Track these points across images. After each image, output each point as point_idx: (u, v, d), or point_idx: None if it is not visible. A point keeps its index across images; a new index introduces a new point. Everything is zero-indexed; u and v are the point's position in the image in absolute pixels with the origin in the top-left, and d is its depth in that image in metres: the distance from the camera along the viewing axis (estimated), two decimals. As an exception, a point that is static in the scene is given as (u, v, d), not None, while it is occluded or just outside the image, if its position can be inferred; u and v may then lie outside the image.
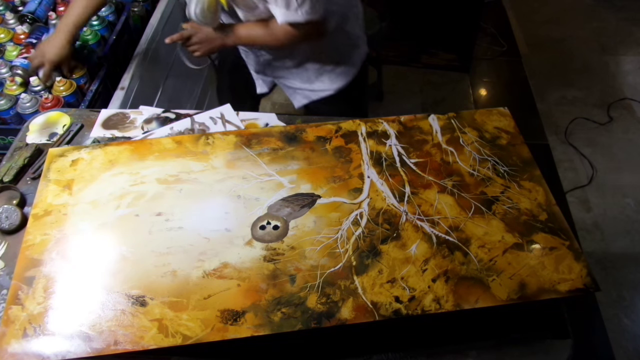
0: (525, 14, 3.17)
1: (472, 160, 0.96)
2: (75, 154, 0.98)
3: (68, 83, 1.48)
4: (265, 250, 0.82)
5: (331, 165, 0.94)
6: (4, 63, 1.55)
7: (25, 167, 1.07)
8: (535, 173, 0.94)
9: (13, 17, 1.70)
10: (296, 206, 0.88)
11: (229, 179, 0.92)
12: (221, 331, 0.73)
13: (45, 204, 0.89)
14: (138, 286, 0.77)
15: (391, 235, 0.84)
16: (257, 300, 0.76)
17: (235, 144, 0.98)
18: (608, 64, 2.81)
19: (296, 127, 1.02)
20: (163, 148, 0.98)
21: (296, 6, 1.10)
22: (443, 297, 0.76)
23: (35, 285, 0.78)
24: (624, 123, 2.48)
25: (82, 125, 1.17)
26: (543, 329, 0.84)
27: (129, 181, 0.92)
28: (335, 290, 0.77)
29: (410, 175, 0.93)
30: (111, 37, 1.77)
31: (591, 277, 0.79)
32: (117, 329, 0.73)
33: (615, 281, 1.88)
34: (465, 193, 0.90)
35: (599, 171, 2.25)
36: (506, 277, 0.79)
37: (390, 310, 0.75)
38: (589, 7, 3.19)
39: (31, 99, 1.44)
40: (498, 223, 0.86)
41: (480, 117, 1.04)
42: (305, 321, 0.74)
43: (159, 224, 0.85)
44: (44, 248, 0.83)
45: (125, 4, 1.91)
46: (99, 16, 1.75)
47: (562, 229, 0.85)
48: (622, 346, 1.72)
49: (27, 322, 0.74)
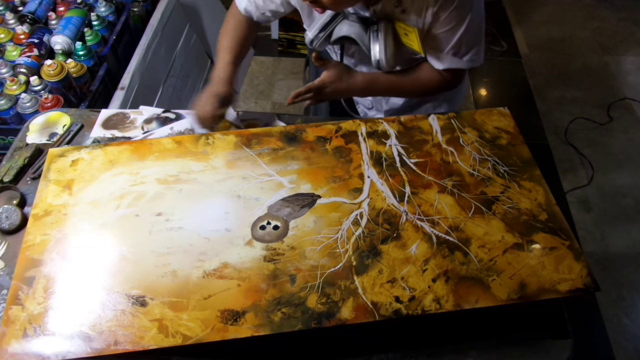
0: (525, 14, 3.17)
1: (472, 160, 0.96)
2: (75, 154, 0.98)
3: (59, 68, 1.47)
4: (265, 250, 0.82)
5: (331, 165, 0.94)
6: (4, 63, 1.55)
7: (25, 167, 1.07)
8: (535, 173, 0.94)
9: (13, 17, 1.70)
10: (296, 206, 0.88)
11: (229, 179, 0.92)
12: (221, 331, 0.73)
13: (45, 204, 0.89)
14: (138, 286, 0.77)
15: (391, 235, 0.84)
16: (257, 300, 0.76)
17: (235, 144, 0.98)
18: (608, 64, 2.81)
19: (296, 127, 1.02)
20: (163, 148, 0.98)
21: (464, 53, 1.03)
22: (443, 297, 0.76)
23: (36, 285, 0.78)
24: (624, 123, 2.48)
25: (82, 125, 1.17)
26: (543, 329, 0.84)
27: (129, 181, 0.92)
28: (335, 290, 0.77)
29: (410, 175, 0.93)
30: (111, 37, 1.77)
31: (591, 277, 0.79)
32: (117, 329, 0.73)
33: (615, 281, 1.88)
34: (465, 193, 0.90)
35: (599, 171, 2.25)
36: (506, 277, 0.79)
37: (391, 310, 0.75)
38: (589, 7, 3.19)
39: (31, 99, 1.45)
40: (498, 223, 0.86)
41: (480, 117, 1.04)
42: (306, 321, 0.74)
43: (159, 224, 0.85)
44: (44, 248, 0.83)
45: (125, 4, 1.91)
46: (98, 16, 1.75)
47: (562, 229, 0.85)
48: (622, 346, 1.72)
49: (27, 322, 0.74)
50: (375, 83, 1.11)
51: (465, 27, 0.99)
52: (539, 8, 3.21)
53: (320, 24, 1.07)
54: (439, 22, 0.98)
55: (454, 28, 0.99)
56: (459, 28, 0.99)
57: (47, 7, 1.77)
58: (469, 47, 1.03)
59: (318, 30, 1.07)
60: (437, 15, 0.97)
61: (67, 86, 1.50)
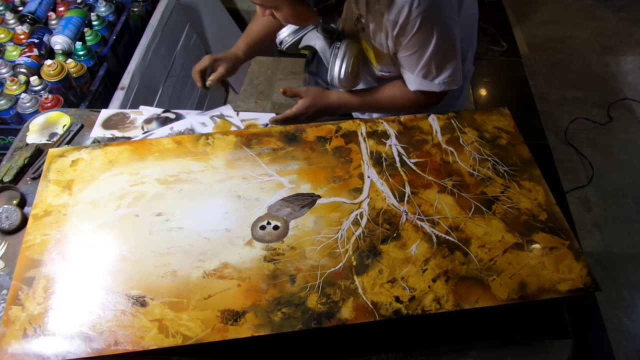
0: (525, 14, 3.17)
1: (472, 160, 0.96)
2: (75, 154, 0.98)
3: (59, 68, 1.47)
4: (265, 251, 0.82)
5: (331, 165, 0.94)
6: (4, 63, 1.55)
7: (25, 167, 1.07)
8: (535, 173, 0.94)
9: (13, 17, 1.71)
10: (296, 206, 0.88)
11: (229, 179, 0.92)
12: (221, 331, 0.73)
13: (45, 204, 0.89)
14: (138, 286, 0.77)
15: (391, 235, 0.84)
16: (257, 300, 0.76)
17: (235, 144, 0.98)
18: (608, 64, 2.80)
19: (296, 127, 1.02)
20: (163, 148, 0.98)
21: (434, 75, 1.00)
22: (443, 297, 0.76)
23: (36, 285, 0.78)
24: (624, 123, 2.48)
25: (82, 125, 1.17)
26: (543, 329, 0.84)
27: (129, 181, 0.92)
28: (335, 290, 0.77)
29: (410, 175, 0.93)
30: (111, 37, 1.77)
31: (591, 277, 0.79)
32: (117, 329, 0.73)
33: (615, 281, 1.88)
34: (465, 193, 0.90)
35: (599, 171, 2.25)
36: (506, 276, 0.79)
37: (391, 310, 0.75)
38: (589, 7, 3.19)
39: (31, 99, 1.45)
40: (498, 223, 0.86)
41: (480, 117, 1.04)
42: (306, 321, 0.74)
43: (159, 224, 0.85)
44: (44, 248, 0.83)
45: (125, 4, 1.91)
46: (98, 16, 1.75)
47: (562, 229, 0.85)
48: (622, 346, 1.72)
49: (27, 322, 0.74)
50: (349, 102, 1.11)
51: (432, 50, 0.94)
52: (539, 8, 3.21)
53: (293, 28, 1.07)
54: (402, 46, 0.95)
55: (419, 52, 0.95)
56: (425, 52, 0.95)
57: (47, 7, 1.77)
58: (440, 70, 0.99)
59: (288, 33, 1.07)
60: (397, 40, 0.94)
61: (67, 86, 1.50)
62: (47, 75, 1.47)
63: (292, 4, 0.89)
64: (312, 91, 1.11)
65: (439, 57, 0.96)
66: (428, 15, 0.89)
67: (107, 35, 1.76)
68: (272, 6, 0.91)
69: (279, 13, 0.92)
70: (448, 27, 0.94)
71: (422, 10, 0.88)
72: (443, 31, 0.93)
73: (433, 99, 1.07)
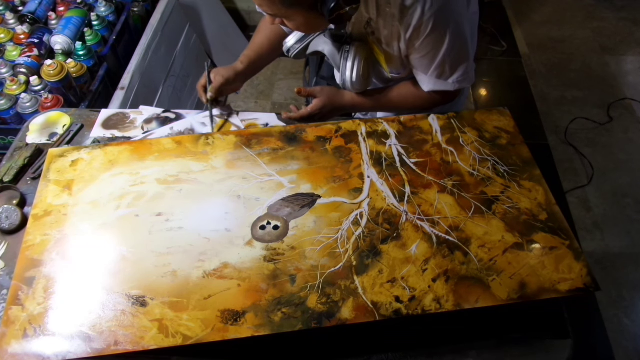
0: (525, 14, 3.17)
1: (472, 160, 0.96)
2: (75, 154, 0.98)
3: (59, 68, 1.47)
4: (265, 251, 0.82)
5: (331, 165, 0.94)
6: (4, 63, 1.55)
7: (25, 167, 1.07)
8: (535, 173, 0.94)
9: (13, 17, 1.70)
10: (296, 206, 0.88)
11: (229, 179, 0.92)
12: (221, 331, 0.73)
13: (45, 204, 0.89)
14: (138, 286, 0.77)
15: (391, 235, 0.84)
16: (257, 300, 0.76)
17: (235, 144, 0.98)
18: (608, 64, 2.80)
19: (296, 127, 1.02)
20: (163, 148, 0.98)
21: (448, 75, 1.00)
22: (443, 297, 0.76)
23: (36, 285, 0.78)
24: (624, 123, 2.48)
25: (82, 125, 1.17)
26: (543, 329, 0.84)
27: (129, 181, 0.92)
28: (335, 290, 0.77)
29: (410, 175, 0.93)
30: (111, 37, 1.77)
31: (591, 276, 0.79)
32: (117, 329, 0.73)
33: (615, 281, 1.88)
34: (465, 193, 0.90)
35: (599, 171, 2.25)
36: (506, 276, 0.78)
37: (391, 310, 0.75)
38: (589, 7, 3.19)
39: (31, 99, 1.45)
40: (498, 223, 0.86)
41: (480, 117, 1.04)
42: (306, 321, 0.74)
43: (159, 224, 0.85)
44: (44, 248, 0.83)
45: (125, 4, 1.91)
46: (98, 16, 1.75)
47: (562, 229, 0.85)
48: (622, 346, 1.72)
49: (27, 322, 0.74)
50: (363, 103, 1.12)
51: (445, 50, 0.94)
52: (539, 8, 3.21)
53: (299, 36, 1.07)
54: (415, 48, 0.95)
55: (432, 53, 0.95)
56: (438, 52, 0.95)
57: (47, 7, 1.77)
58: (454, 69, 0.99)
59: (295, 41, 1.07)
60: (410, 42, 0.94)
61: (67, 86, 1.50)
62: (47, 75, 1.47)
63: (305, 14, 0.88)
64: (327, 91, 1.11)
65: (452, 57, 0.97)
66: (441, 16, 0.89)
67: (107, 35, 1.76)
68: (285, 15, 0.90)
69: (291, 22, 0.91)
70: (460, 26, 0.94)
71: (435, 11, 0.88)
72: (455, 30, 0.93)
73: (448, 98, 1.07)
